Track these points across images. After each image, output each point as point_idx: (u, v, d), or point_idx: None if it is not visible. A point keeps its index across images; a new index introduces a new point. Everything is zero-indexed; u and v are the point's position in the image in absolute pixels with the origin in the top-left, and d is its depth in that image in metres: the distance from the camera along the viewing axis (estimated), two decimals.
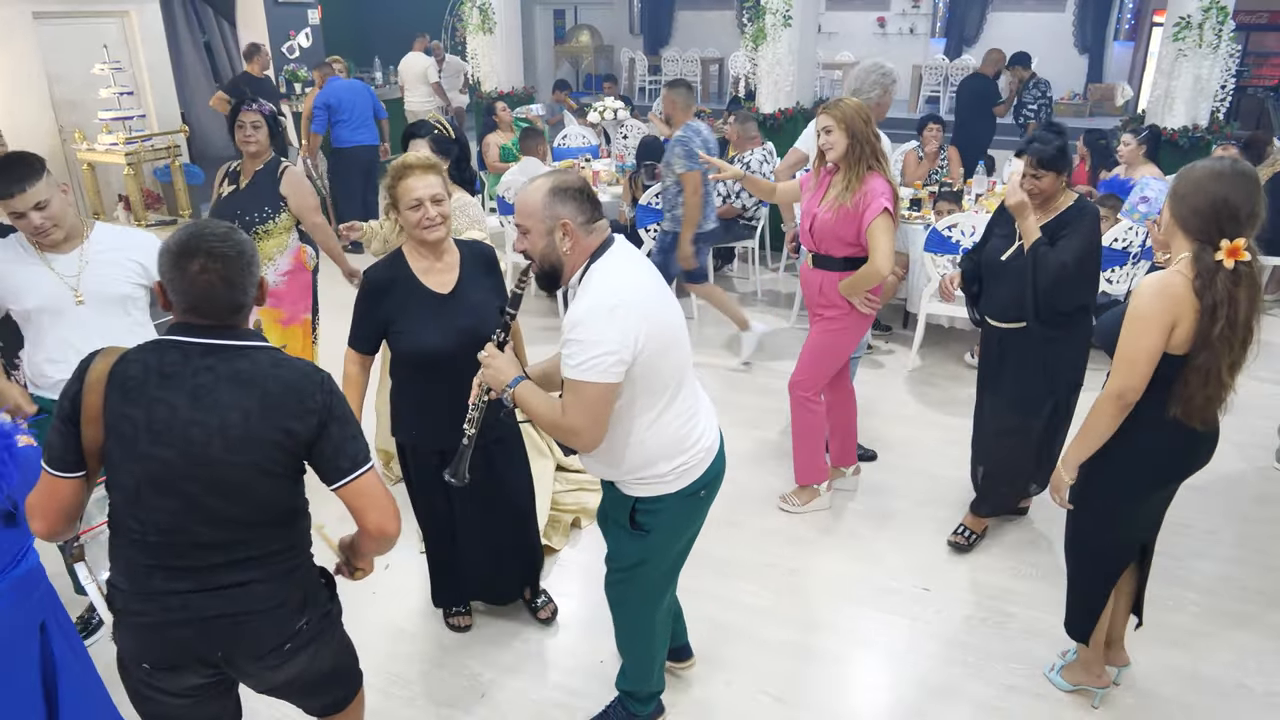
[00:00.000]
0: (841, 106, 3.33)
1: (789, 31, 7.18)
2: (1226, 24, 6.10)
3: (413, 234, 2.59)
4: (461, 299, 2.64)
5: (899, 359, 5.51)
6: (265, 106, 4.02)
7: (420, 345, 2.58)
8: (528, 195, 2.09)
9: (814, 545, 3.68)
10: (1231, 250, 2.19)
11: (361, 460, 1.73)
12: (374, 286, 2.61)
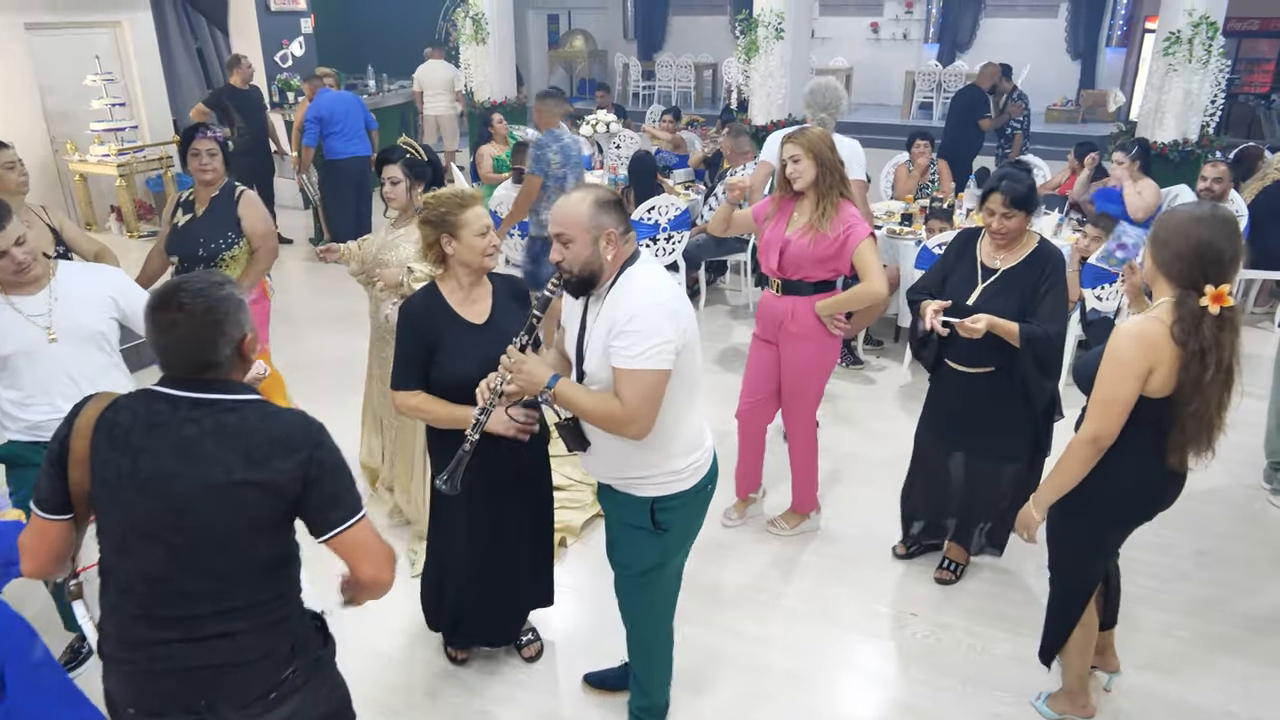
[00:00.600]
0: (807, 135, 3.35)
1: (781, 44, 7.20)
2: (1216, 39, 6.13)
3: (473, 261, 2.62)
4: (496, 328, 2.65)
5: (891, 374, 5.53)
6: (218, 133, 4.00)
7: (457, 375, 2.58)
8: (571, 207, 2.20)
9: (801, 569, 3.69)
10: (1216, 296, 2.19)
11: (353, 511, 1.74)
12: (413, 318, 2.63)
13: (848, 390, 5.34)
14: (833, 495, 4.19)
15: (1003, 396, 3.16)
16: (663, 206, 5.76)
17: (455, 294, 2.67)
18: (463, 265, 2.63)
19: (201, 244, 3.93)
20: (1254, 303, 6.64)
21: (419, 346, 2.60)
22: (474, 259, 2.61)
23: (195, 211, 3.96)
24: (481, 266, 2.64)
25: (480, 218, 2.62)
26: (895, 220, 5.95)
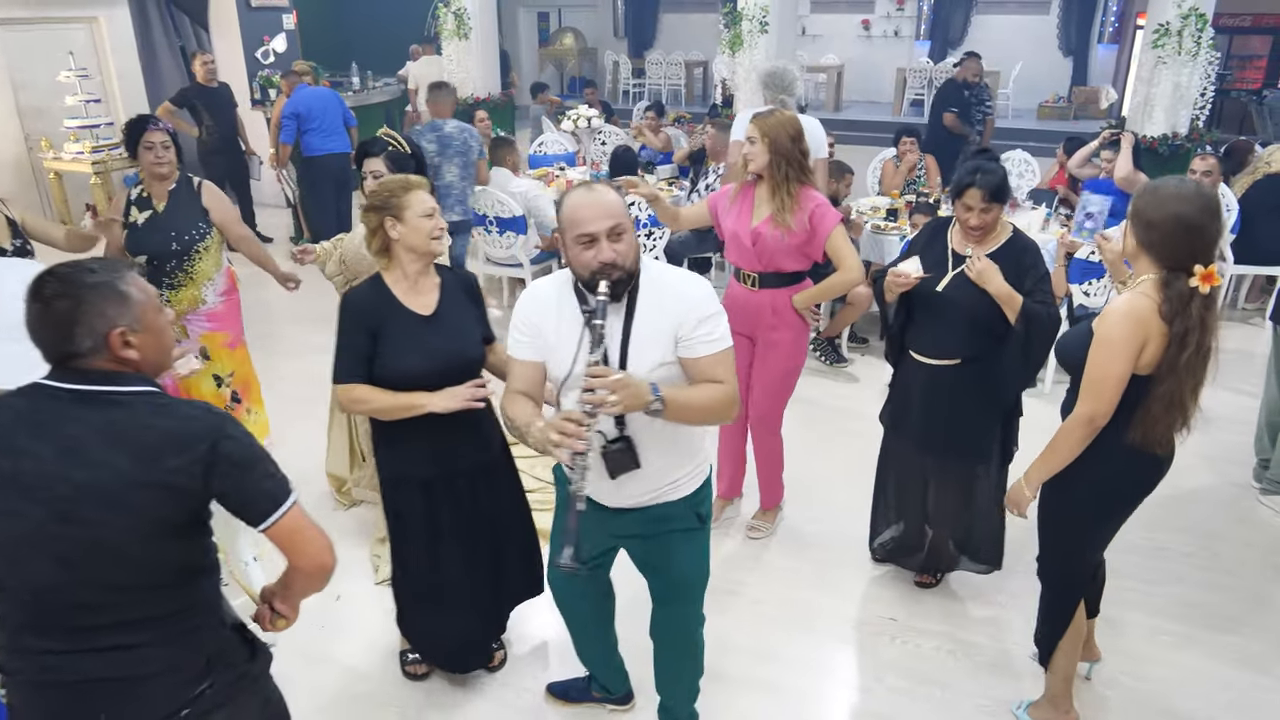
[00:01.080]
0: (769, 119, 3.25)
1: (766, 37, 7.09)
2: (1205, 31, 6.03)
3: (420, 245, 2.52)
4: (443, 321, 2.58)
5: (875, 372, 5.42)
6: (169, 126, 3.93)
7: (404, 368, 2.50)
8: (610, 198, 2.07)
9: (778, 573, 3.59)
10: (1206, 276, 2.17)
11: (281, 498, 1.63)
12: (357, 308, 2.54)
13: (831, 389, 5.24)
14: (811, 497, 4.08)
15: (970, 390, 3.00)
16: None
17: (400, 284, 2.57)
18: (408, 250, 2.53)
19: (174, 238, 3.85)
20: (1245, 298, 6.55)
21: (362, 338, 2.50)
22: (420, 241, 2.51)
23: (155, 207, 3.87)
24: (428, 250, 2.54)
25: (425, 201, 2.53)
26: (880, 216, 5.85)
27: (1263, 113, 11.97)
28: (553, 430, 1.92)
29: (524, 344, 2.19)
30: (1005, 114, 13.60)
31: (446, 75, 8.95)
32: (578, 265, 2.06)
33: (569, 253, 2.07)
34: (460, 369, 2.55)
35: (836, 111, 14.31)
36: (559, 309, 2.14)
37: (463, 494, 2.70)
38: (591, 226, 2.00)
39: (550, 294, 2.17)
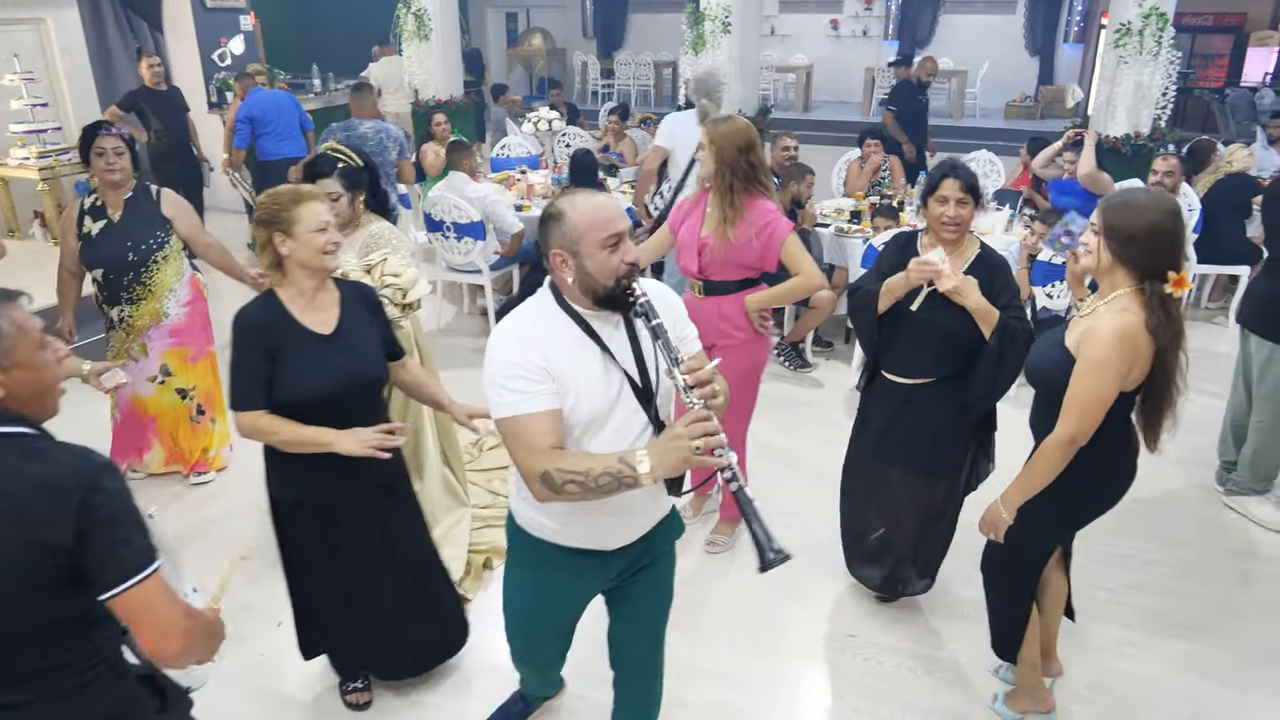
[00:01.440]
0: (719, 129, 3.19)
1: (729, 38, 7.01)
2: (1166, 31, 6.02)
3: (312, 261, 2.39)
4: (343, 340, 2.45)
5: (840, 377, 5.35)
6: (124, 131, 3.78)
7: (303, 390, 2.37)
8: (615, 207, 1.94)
9: (733, 586, 3.49)
10: (1179, 281, 2.19)
11: (132, 570, 1.45)
12: (251, 327, 2.38)
13: (795, 395, 5.16)
14: (773, 505, 3.96)
15: (944, 408, 2.92)
16: None
17: (296, 301, 2.42)
18: (300, 267, 2.39)
19: (131, 248, 3.71)
20: (1208, 297, 6.55)
21: (259, 360, 2.35)
22: (311, 258, 2.37)
23: (110, 217, 3.72)
24: (321, 266, 2.40)
25: (317, 214, 2.38)
26: (844, 218, 5.78)
27: (1224, 111, 12.07)
28: (687, 438, 1.66)
29: (539, 393, 1.81)
30: (973, 113, 13.65)
31: (407, 77, 8.79)
32: (602, 272, 1.82)
33: (588, 262, 1.82)
34: (363, 390, 2.45)
35: (806, 111, 14.30)
36: (562, 341, 1.87)
37: (361, 521, 2.58)
38: (619, 225, 1.83)
39: (540, 330, 1.87)
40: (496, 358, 1.86)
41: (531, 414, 1.81)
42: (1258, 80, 12.92)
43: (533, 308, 1.93)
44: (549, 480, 1.78)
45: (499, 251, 5.88)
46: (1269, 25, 13.40)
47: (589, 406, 1.86)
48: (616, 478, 1.73)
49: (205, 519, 3.92)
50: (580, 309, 1.89)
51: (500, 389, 1.83)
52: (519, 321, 1.91)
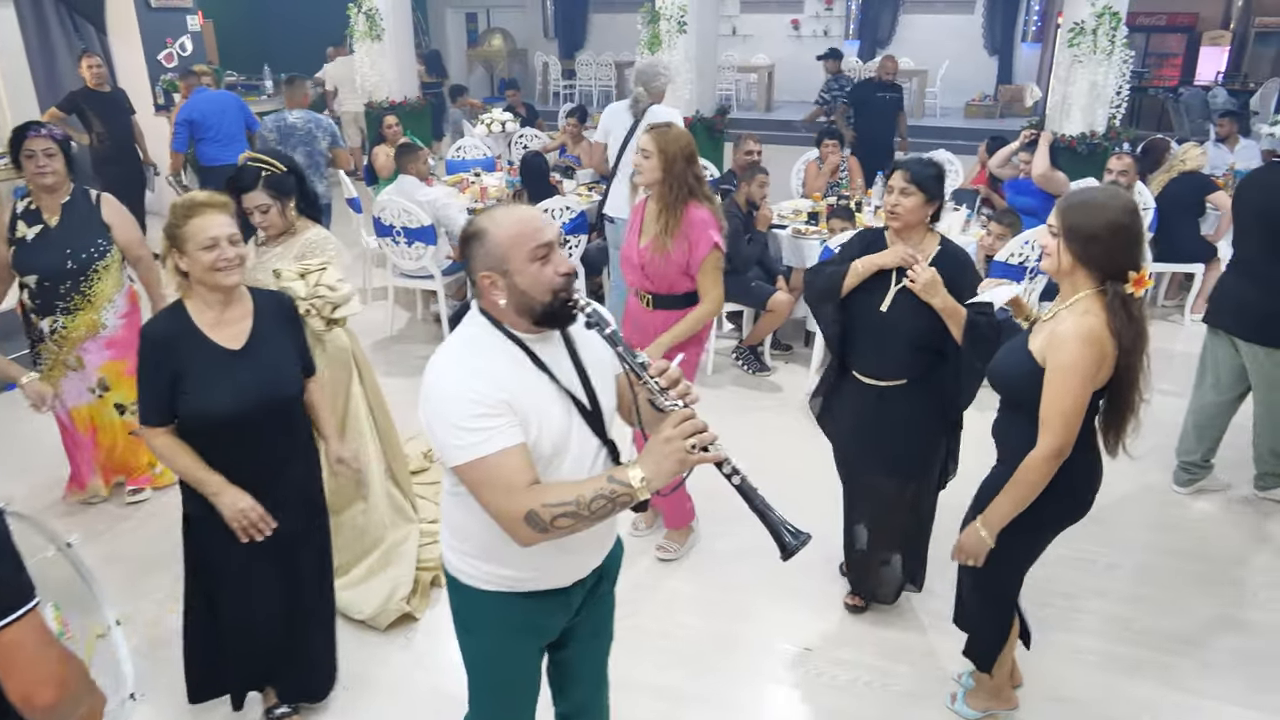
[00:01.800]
0: (668, 135, 3.12)
1: (685, 38, 6.92)
2: (1119, 30, 6.03)
3: (205, 279, 2.27)
4: (255, 354, 2.33)
5: (798, 381, 5.28)
6: (56, 131, 3.59)
7: (209, 408, 2.25)
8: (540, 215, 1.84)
9: (685, 601, 3.39)
10: (1139, 280, 2.17)
11: (5, 609, 1.32)
12: (155, 342, 2.26)
13: (754, 400, 5.07)
14: (726, 514, 3.89)
15: (915, 410, 2.88)
16: (557, 209, 5.42)
17: (205, 314, 2.30)
18: (199, 284, 2.28)
19: (70, 255, 3.54)
20: (1164, 295, 6.58)
21: (161, 376, 2.24)
22: (202, 275, 2.25)
23: (46, 221, 3.55)
24: (214, 285, 2.27)
25: (204, 229, 2.23)
26: (801, 219, 5.71)
27: (1178, 109, 12.22)
28: (680, 439, 1.59)
29: (504, 427, 1.64)
30: (933, 112, 13.70)
31: (359, 78, 8.62)
32: (537, 288, 1.67)
33: (519, 279, 1.67)
34: (276, 408, 2.34)
35: (768, 111, 14.28)
36: (512, 370, 1.71)
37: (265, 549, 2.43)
38: (546, 234, 1.69)
39: (487, 362, 1.70)
40: (448, 399, 1.66)
41: (503, 451, 1.64)
42: (1210, 79, 13.10)
43: (469, 338, 1.75)
44: (535, 519, 1.62)
45: (451, 256, 5.74)
46: (1221, 25, 13.60)
47: (550, 438, 1.71)
48: (611, 499, 1.62)
49: (141, 539, 3.75)
50: (519, 333, 1.74)
51: (459, 431, 1.63)
52: (459, 356, 1.72)
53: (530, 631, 1.95)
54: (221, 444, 2.30)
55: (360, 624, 3.18)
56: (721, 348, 5.53)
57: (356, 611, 3.17)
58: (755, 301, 5.20)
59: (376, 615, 3.16)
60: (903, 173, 2.74)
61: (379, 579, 3.27)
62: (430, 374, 1.71)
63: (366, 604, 3.18)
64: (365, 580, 3.27)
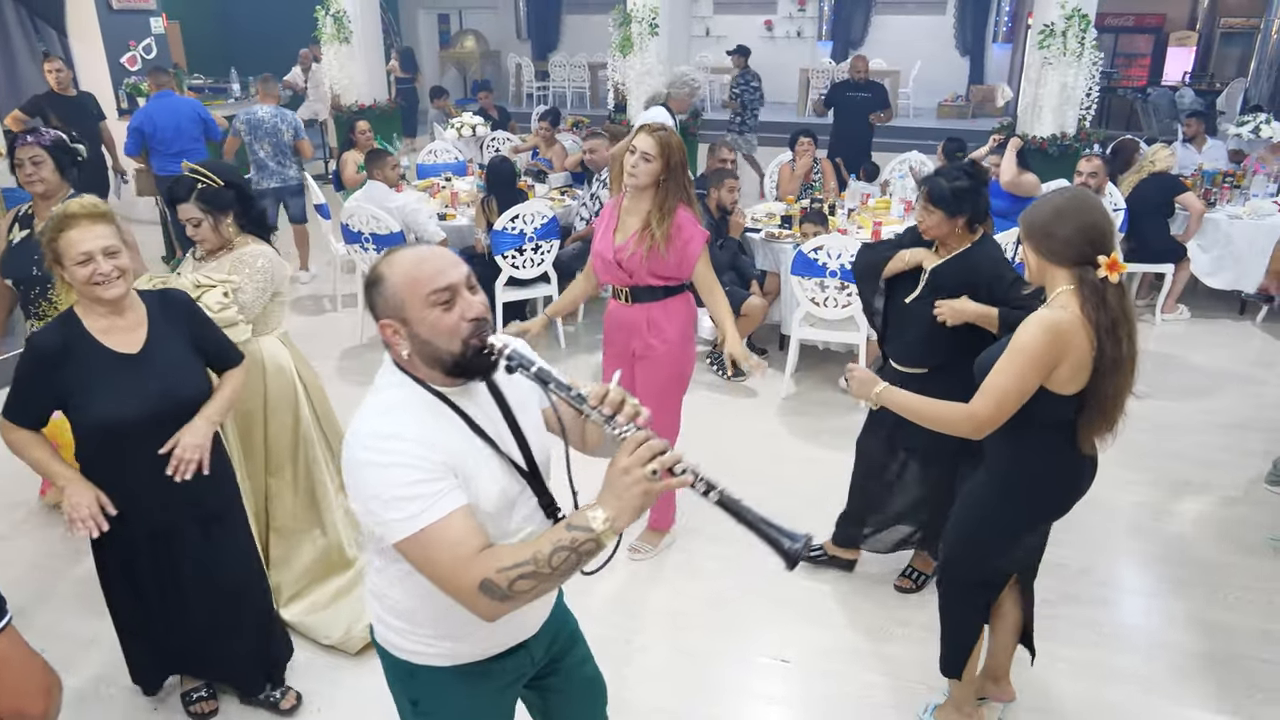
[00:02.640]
0: (670, 142, 3.12)
1: (657, 40, 6.88)
2: (1089, 32, 6.05)
3: (84, 293, 2.23)
4: (153, 358, 2.30)
5: (773, 385, 5.25)
6: (45, 137, 3.49)
7: (109, 417, 2.22)
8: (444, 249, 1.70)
9: (661, 612, 3.34)
10: (1111, 264, 2.15)
11: None
12: (43, 355, 2.21)
13: (728, 404, 5.04)
14: (704, 523, 3.86)
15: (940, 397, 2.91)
16: (528, 215, 5.36)
17: (98, 320, 2.26)
18: (81, 294, 2.24)
19: (36, 263, 3.44)
20: (1136, 295, 6.62)
21: (42, 387, 2.21)
22: (83, 290, 2.21)
23: (33, 228, 3.49)
24: (94, 299, 2.22)
25: (76, 244, 2.17)
26: (774, 223, 5.69)
27: (1147, 109, 12.34)
28: (638, 466, 1.43)
29: (445, 490, 1.48)
30: (906, 113, 13.75)
31: (328, 81, 8.51)
32: (440, 336, 1.51)
33: (420, 328, 1.51)
34: (179, 412, 2.31)
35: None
36: (438, 427, 1.55)
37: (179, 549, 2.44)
38: (447, 276, 1.52)
39: (408, 423, 1.52)
40: (378, 468, 1.48)
41: (447, 516, 1.47)
42: (1177, 79, 13.25)
43: (388, 399, 1.57)
44: (491, 588, 1.43)
45: None
46: (1187, 25, 13.76)
47: (490, 497, 1.56)
48: (573, 549, 1.43)
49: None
50: (437, 385, 1.57)
51: (396, 503, 1.46)
52: (382, 420, 1.54)
53: (492, 703, 1.81)
54: (120, 449, 2.27)
55: (330, 647, 3.10)
56: (696, 353, 5.48)
57: (324, 636, 3.09)
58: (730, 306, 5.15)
59: (345, 639, 3.07)
60: (923, 191, 2.94)
61: (347, 600, 3.19)
62: (353, 445, 1.52)
63: (334, 628, 3.10)
64: (332, 603, 3.19)
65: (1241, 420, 4.75)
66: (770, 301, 5.36)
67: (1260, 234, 6.04)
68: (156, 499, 2.33)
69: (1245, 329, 6.23)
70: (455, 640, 1.68)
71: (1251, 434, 4.59)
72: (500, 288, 5.50)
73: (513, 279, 5.52)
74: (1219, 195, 6.42)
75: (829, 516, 3.77)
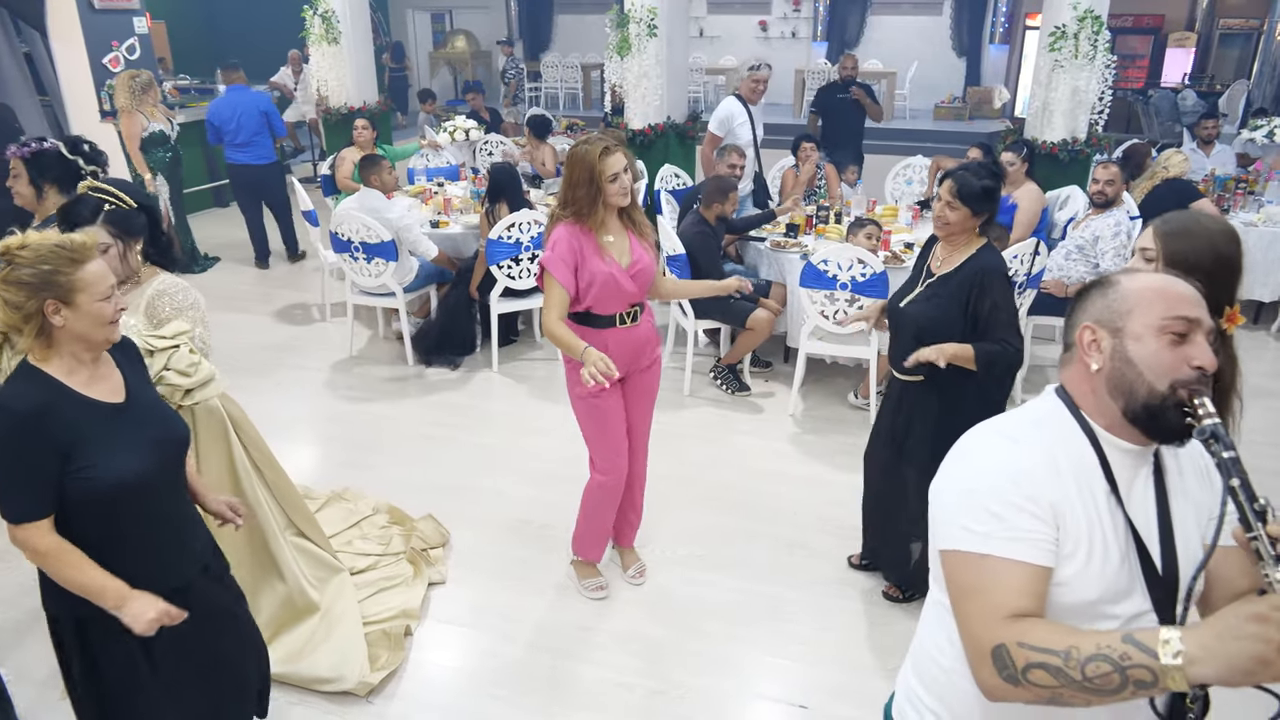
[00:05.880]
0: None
1: (655, 41, 6.69)
2: (1102, 34, 5.89)
3: (94, 334, 1.92)
4: (139, 404, 2.03)
5: (779, 401, 5.06)
6: (24, 149, 3.28)
7: (128, 471, 1.92)
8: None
9: (668, 651, 3.13)
10: (1230, 317, 1.96)
11: None
12: (31, 421, 1.83)
13: (734, 422, 4.85)
14: (708, 554, 3.66)
15: (932, 406, 2.99)
16: (524, 223, 5.16)
17: (76, 374, 1.93)
18: (78, 340, 1.91)
19: None
20: None
21: (41, 458, 1.85)
22: (92, 330, 1.90)
23: None
24: (104, 340, 1.94)
25: (102, 277, 1.90)
26: (779, 231, 5.50)
27: (1148, 111, 12.22)
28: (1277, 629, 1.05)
29: (1036, 540, 1.25)
30: (902, 115, 13.61)
31: (315, 82, 8.30)
32: (1152, 367, 1.28)
33: (1130, 345, 1.30)
34: (177, 455, 2.09)
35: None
36: (1072, 472, 1.30)
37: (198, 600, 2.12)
38: (1197, 311, 1.30)
39: (1044, 450, 1.31)
40: (985, 471, 1.30)
41: (1015, 561, 1.24)
42: (1176, 81, 13.14)
43: (1035, 417, 1.38)
44: (1004, 660, 1.19)
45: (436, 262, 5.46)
46: (1186, 26, 13.65)
47: (1099, 585, 1.27)
48: (1119, 668, 1.11)
49: None
50: (1104, 430, 1.33)
51: (980, 513, 1.26)
52: (1018, 432, 1.35)
53: None
54: (125, 508, 1.97)
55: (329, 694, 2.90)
56: (698, 365, 5.30)
57: (321, 684, 2.87)
58: (735, 319, 4.98)
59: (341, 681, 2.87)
60: (950, 184, 2.85)
61: (325, 649, 2.97)
62: (972, 439, 1.39)
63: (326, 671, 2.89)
64: (310, 652, 2.97)
65: (1263, 435, 4.57)
66: (777, 314, 5.17)
67: (1277, 242, 5.90)
68: (174, 551, 2.10)
69: (1260, 339, 6.08)
70: None
71: (1273, 450, 4.43)
72: (495, 299, 5.30)
73: (508, 290, 5.31)
74: (1232, 201, 6.27)
75: (840, 541, 3.60)
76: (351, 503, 3.82)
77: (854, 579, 3.48)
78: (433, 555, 3.57)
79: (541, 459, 4.38)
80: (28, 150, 3.31)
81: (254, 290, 7.06)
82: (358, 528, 3.65)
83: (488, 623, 3.27)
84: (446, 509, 3.90)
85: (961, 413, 2.81)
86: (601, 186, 2.86)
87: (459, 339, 5.59)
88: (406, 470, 4.29)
